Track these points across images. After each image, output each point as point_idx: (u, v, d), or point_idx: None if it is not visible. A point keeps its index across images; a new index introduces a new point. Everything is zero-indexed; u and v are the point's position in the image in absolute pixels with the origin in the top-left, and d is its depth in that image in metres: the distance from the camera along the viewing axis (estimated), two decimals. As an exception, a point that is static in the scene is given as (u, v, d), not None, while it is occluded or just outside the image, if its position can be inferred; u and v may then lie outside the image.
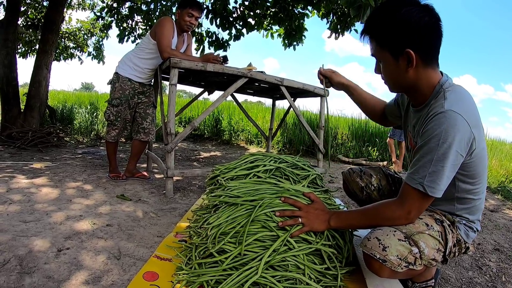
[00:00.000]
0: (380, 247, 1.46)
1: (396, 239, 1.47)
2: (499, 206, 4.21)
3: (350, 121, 8.56)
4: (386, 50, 1.47)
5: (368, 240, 1.52)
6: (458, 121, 1.36)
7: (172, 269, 1.84)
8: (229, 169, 2.07)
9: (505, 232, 3.16)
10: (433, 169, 1.39)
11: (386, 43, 1.46)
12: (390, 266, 1.45)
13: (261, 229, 1.69)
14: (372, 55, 1.56)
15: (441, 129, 1.37)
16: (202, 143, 8.42)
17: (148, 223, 2.55)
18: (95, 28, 12.42)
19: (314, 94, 4.26)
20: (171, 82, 3.12)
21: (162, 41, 3.34)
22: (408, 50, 1.42)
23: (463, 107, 1.40)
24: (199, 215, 1.98)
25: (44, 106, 6.67)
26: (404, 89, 1.60)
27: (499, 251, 2.66)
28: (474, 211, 1.66)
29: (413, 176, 1.45)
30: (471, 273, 2.23)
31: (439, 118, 1.39)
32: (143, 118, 3.85)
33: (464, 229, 1.65)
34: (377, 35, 1.48)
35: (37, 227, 2.27)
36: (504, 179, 5.71)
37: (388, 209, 1.55)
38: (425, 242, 1.49)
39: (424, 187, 1.41)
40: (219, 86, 4.57)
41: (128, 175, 3.93)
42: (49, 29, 6.45)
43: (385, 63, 1.51)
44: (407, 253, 1.46)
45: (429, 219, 1.59)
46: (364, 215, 1.65)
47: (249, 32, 6.96)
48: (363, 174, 2.15)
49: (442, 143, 1.36)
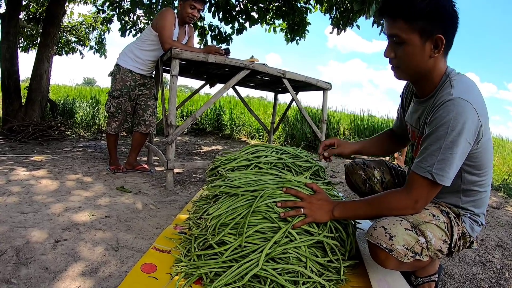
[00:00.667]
0: (387, 236, 1.43)
1: (402, 228, 1.44)
2: (501, 203, 4.19)
3: (352, 116, 8.54)
4: (417, 32, 1.40)
5: (374, 229, 1.49)
6: (466, 108, 1.33)
7: (171, 261, 1.82)
8: (229, 160, 2.04)
9: (508, 229, 3.13)
10: (442, 156, 1.36)
11: (419, 25, 1.39)
12: (397, 256, 1.41)
13: (262, 220, 1.66)
14: (390, 35, 1.47)
15: (450, 116, 1.34)
16: (204, 137, 8.39)
17: (148, 215, 2.53)
18: (96, 22, 12.39)
19: (317, 88, 4.23)
20: (172, 73, 3.09)
21: (164, 32, 3.31)
22: (440, 35, 1.39)
23: (471, 95, 1.38)
24: (198, 205, 1.95)
25: (45, 100, 6.66)
26: (418, 75, 1.54)
27: (502, 247, 2.63)
28: (479, 204, 1.63)
29: (421, 164, 1.43)
30: (475, 269, 2.20)
31: (447, 105, 1.37)
32: (144, 110, 3.81)
33: (469, 222, 1.62)
34: (412, 15, 1.39)
35: (35, 218, 2.25)
36: (507, 177, 5.69)
37: (395, 198, 1.52)
38: (432, 232, 1.46)
39: (433, 175, 1.38)
40: (221, 79, 4.54)
41: (129, 167, 3.90)
42: (51, 22, 6.42)
43: (410, 45, 1.43)
44: (414, 242, 1.43)
45: (435, 210, 1.56)
46: (370, 204, 1.60)
47: (252, 26, 6.90)
48: (366, 166, 2.12)
49: (451, 131, 1.34)
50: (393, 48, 1.50)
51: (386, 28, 1.50)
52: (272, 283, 1.54)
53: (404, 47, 1.45)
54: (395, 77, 1.60)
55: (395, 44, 1.48)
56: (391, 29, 1.45)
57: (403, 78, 1.60)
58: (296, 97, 4.03)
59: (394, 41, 1.47)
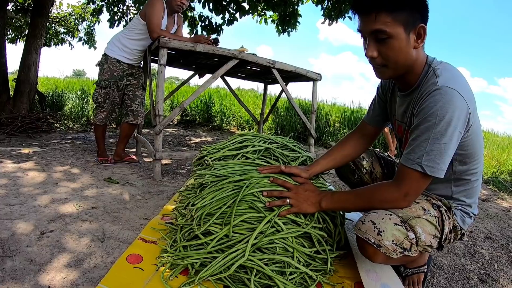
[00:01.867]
0: (375, 231, 1.40)
1: (392, 223, 1.40)
2: (491, 196, 4.22)
3: (343, 109, 8.55)
4: (400, 24, 1.34)
5: (362, 223, 1.45)
6: (454, 97, 1.31)
7: (157, 251, 1.81)
8: (216, 149, 2.02)
9: (496, 221, 3.15)
10: (431, 147, 1.34)
11: (403, 16, 1.34)
12: (385, 251, 1.39)
13: (248, 210, 1.64)
14: (373, 31, 1.37)
15: (437, 106, 1.32)
16: (193, 128, 8.37)
17: (135, 206, 2.51)
18: (86, 13, 12.28)
19: (307, 78, 4.22)
20: (160, 62, 3.06)
21: (152, 21, 3.27)
22: (422, 24, 1.36)
23: (457, 83, 1.36)
24: (184, 195, 1.94)
25: (34, 91, 6.58)
26: (404, 69, 1.47)
27: (491, 239, 2.65)
28: (471, 193, 1.62)
29: (409, 156, 1.40)
30: (464, 261, 2.21)
31: (434, 95, 1.34)
32: (132, 100, 3.79)
33: (460, 215, 1.61)
34: (395, 7, 1.32)
35: (21, 210, 2.23)
36: (496, 170, 5.75)
37: (385, 191, 1.49)
38: (422, 227, 1.44)
39: (423, 167, 1.35)
40: (210, 69, 4.50)
41: (117, 158, 3.88)
42: (39, 13, 6.34)
43: (396, 39, 1.36)
44: (403, 238, 1.40)
45: (426, 203, 1.54)
46: (359, 196, 1.58)
47: (243, 16, 6.85)
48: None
49: (440, 121, 1.31)
50: (376, 46, 1.41)
51: (363, 26, 1.41)
52: (258, 274, 1.53)
53: (390, 42, 1.37)
54: (379, 78, 1.55)
55: (377, 41, 1.40)
56: (373, 25, 1.36)
57: (388, 77, 1.53)
58: (286, 87, 4.02)
59: (377, 38, 1.38)
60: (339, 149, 1.96)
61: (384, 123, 1.94)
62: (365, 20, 1.39)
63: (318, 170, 1.90)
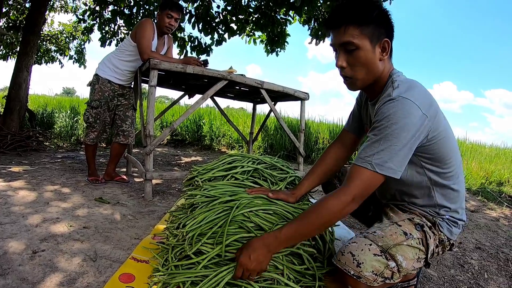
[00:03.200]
0: (354, 263, 1.41)
1: (371, 254, 1.42)
2: (479, 207, 4.27)
3: (331, 126, 8.61)
4: (367, 37, 1.48)
5: (342, 254, 1.47)
6: (407, 105, 1.39)
7: (149, 270, 1.84)
8: (206, 170, 2.07)
9: (486, 231, 3.21)
10: (382, 147, 1.39)
11: (369, 30, 1.47)
12: (365, 282, 1.40)
13: (238, 229, 1.68)
14: (342, 43, 1.51)
15: (391, 112, 1.39)
16: (183, 148, 8.38)
17: (126, 226, 2.54)
18: (77, 31, 12.32)
19: (295, 98, 4.29)
20: (151, 83, 3.12)
21: (142, 43, 3.34)
22: (386, 39, 1.50)
23: (411, 92, 1.44)
24: (175, 215, 1.98)
25: (24, 109, 6.56)
26: (371, 80, 1.58)
27: (480, 249, 2.70)
28: (453, 198, 1.63)
29: (360, 155, 1.44)
30: (453, 271, 2.26)
31: (388, 103, 1.42)
32: (123, 120, 3.83)
33: (447, 227, 1.62)
34: (362, 21, 1.46)
35: (13, 229, 2.25)
36: (484, 181, 5.81)
37: (330, 200, 1.45)
38: (403, 255, 1.45)
39: (372, 165, 1.39)
40: (199, 89, 4.55)
41: (107, 178, 3.90)
42: (31, 30, 6.37)
43: (362, 50, 1.49)
44: (383, 268, 1.41)
45: (408, 225, 1.57)
46: (305, 219, 1.50)
47: (231, 37, 6.93)
48: (340, 174, 2.13)
49: (392, 124, 1.38)
50: (345, 57, 1.53)
51: (334, 39, 1.54)
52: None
53: (357, 53, 1.50)
54: (349, 89, 1.63)
55: (346, 52, 1.52)
56: (342, 37, 1.50)
57: (357, 87, 1.62)
58: (274, 107, 4.07)
59: (346, 49, 1.51)
60: (321, 164, 2.00)
61: (358, 134, 1.99)
62: (336, 34, 1.53)
63: (303, 191, 1.95)
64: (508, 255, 2.62)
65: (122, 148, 3.93)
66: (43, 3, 6.50)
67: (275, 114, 4.09)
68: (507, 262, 2.50)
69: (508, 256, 2.61)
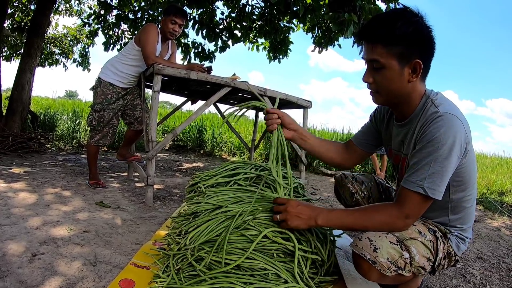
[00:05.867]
0: (371, 248, 1.45)
1: (388, 241, 1.46)
2: (481, 217, 4.28)
3: (333, 135, 8.62)
4: (394, 57, 1.44)
5: (359, 240, 1.50)
6: (455, 123, 1.39)
7: (149, 276, 1.82)
8: (209, 176, 2.06)
9: (487, 241, 3.20)
10: (433, 170, 1.39)
11: (398, 50, 1.43)
12: (380, 268, 1.44)
13: (241, 237, 1.68)
14: (370, 60, 1.50)
15: (440, 132, 1.38)
16: (185, 154, 8.38)
17: (127, 231, 2.52)
18: (81, 35, 12.38)
19: (297, 106, 4.28)
20: (154, 88, 3.11)
21: (147, 48, 3.35)
22: (418, 60, 1.43)
23: (457, 110, 1.45)
24: (177, 221, 1.97)
25: (26, 111, 6.56)
26: (397, 100, 1.57)
27: (482, 259, 2.69)
28: (466, 220, 1.67)
29: (411, 179, 1.44)
30: (455, 281, 2.24)
31: (437, 121, 1.41)
32: (133, 108, 3.91)
33: (455, 242, 1.66)
34: (390, 40, 1.42)
35: (12, 231, 2.24)
36: (486, 191, 5.82)
37: (385, 212, 1.52)
38: (417, 249, 1.50)
39: (425, 189, 1.40)
40: (202, 95, 4.55)
41: (121, 158, 4.05)
42: (35, 32, 6.39)
43: (388, 70, 1.46)
44: (397, 256, 1.45)
45: (422, 227, 1.59)
46: (358, 215, 1.56)
47: (235, 43, 6.98)
48: (354, 180, 2.15)
49: (442, 145, 1.37)
50: (372, 73, 1.52)
51: (364, 53, 1.52)
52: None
53: (383, 72, 1.48)
54: (374, 102, 1.63)
55: (373, 69, 1.50)
56: (370, 54, 1.48)
57: (381, 102, 1.64)
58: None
59: (373, 66, 1.49)
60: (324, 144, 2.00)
61: (368, 150, 1.99)
62: (366, 48, 1.52)
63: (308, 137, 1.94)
64: (510, 265, 2.61)
65: (137, 135, 4.04)
66: (48, 5, 6.54)
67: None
68: (509, 272, 2.49)
69: (510, 266, 2.60)
